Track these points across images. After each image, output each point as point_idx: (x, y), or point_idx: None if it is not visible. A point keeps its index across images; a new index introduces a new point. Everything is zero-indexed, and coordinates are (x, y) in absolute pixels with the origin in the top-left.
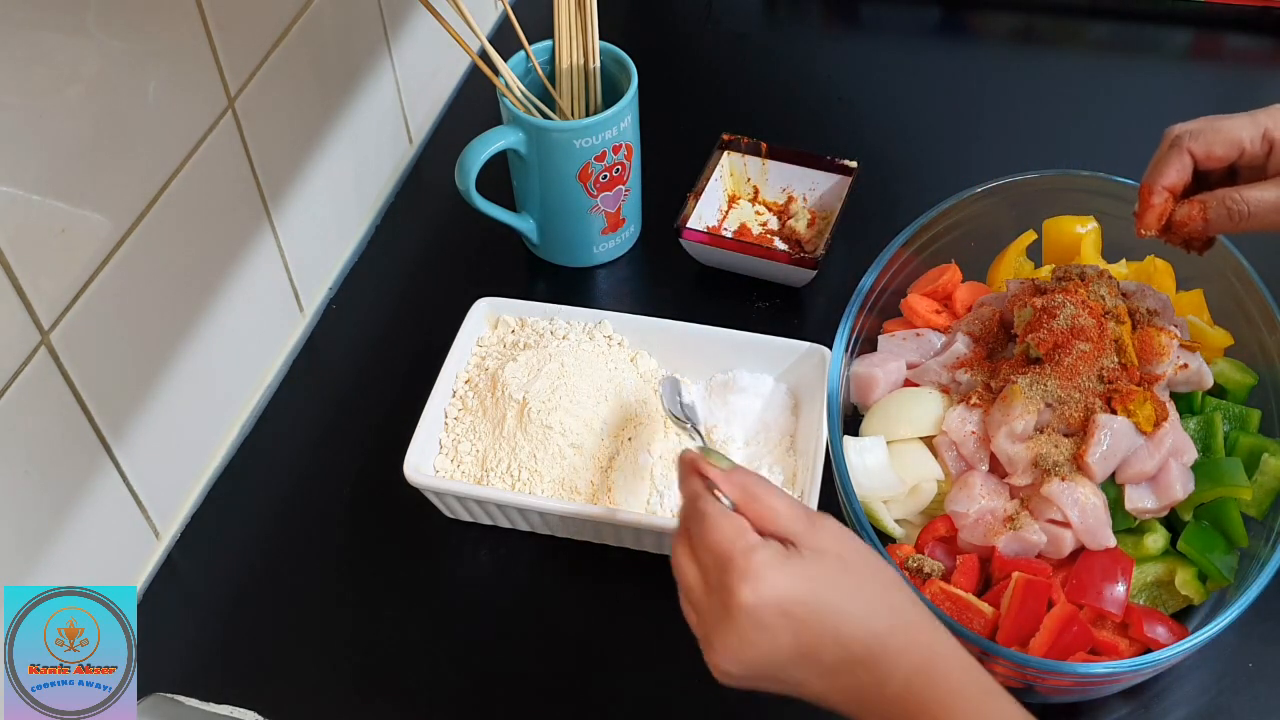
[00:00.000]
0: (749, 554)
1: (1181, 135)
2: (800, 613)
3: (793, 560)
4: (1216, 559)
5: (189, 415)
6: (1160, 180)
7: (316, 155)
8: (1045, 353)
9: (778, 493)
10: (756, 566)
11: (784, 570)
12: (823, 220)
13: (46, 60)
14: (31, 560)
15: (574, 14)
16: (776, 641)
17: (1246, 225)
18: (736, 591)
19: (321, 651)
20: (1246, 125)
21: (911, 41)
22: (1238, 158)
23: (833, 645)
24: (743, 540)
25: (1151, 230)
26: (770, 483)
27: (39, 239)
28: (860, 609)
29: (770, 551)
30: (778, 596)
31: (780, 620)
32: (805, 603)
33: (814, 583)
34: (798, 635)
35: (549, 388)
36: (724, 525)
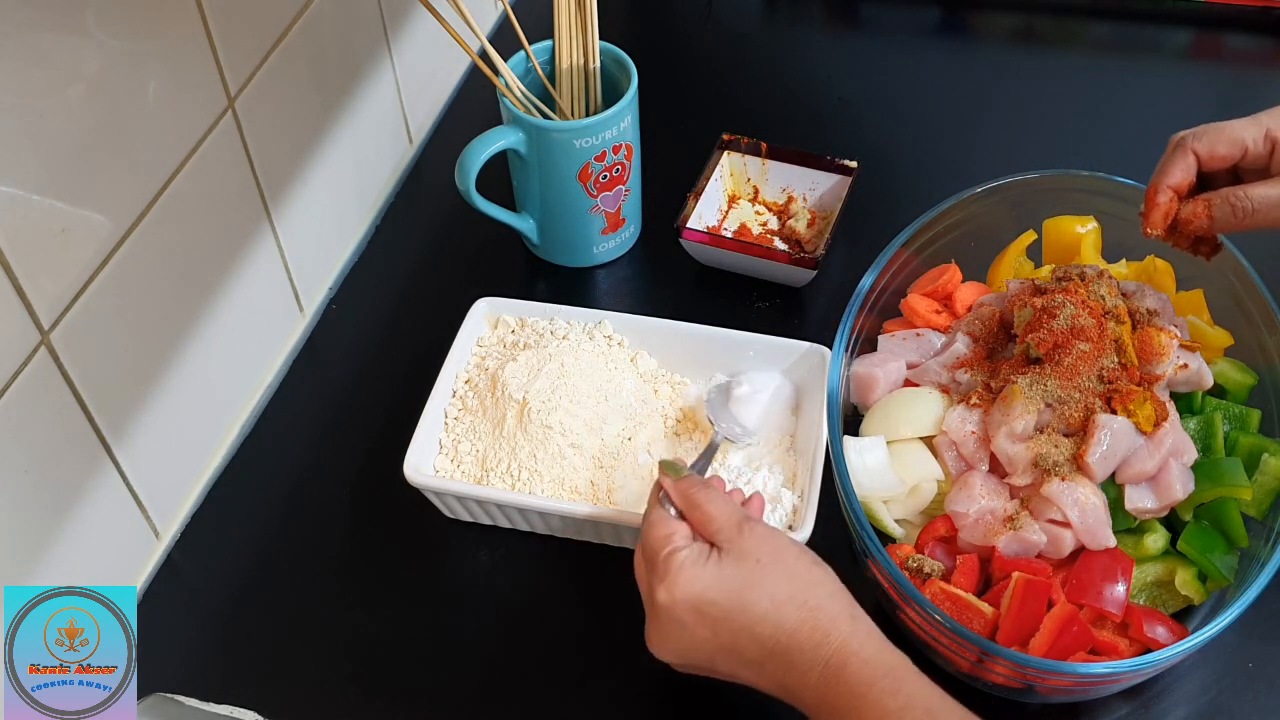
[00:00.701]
0: (670, 557)
1: (1185, 137)
2: (714, 611)
3: (711, 563)
4: (1216, 559)
5: (189, 415)
6: (1165, 180)
7: (316, 155)
8: (1045, 353)
9: (718, 501)
10: (674, 569)
11: (700, 572)
12: (823, 220)
13: (46, 60)
14: (31, 560)
15: (574, 14)
16: (695, 636)
17: (1251, 222)
18: (655, 591)
19: (321, 651)
20: (1249, 125)
21: (911, 41)
22: (1241, 157)
23: (749, 641)
24: (669, 544)
25: (1157, 229)
26: (714, 491)
27: (39, 239)
28: (770, 607)
29: (691, 555)
30: (690, 596)
31: (694, 617)
32: (717, 602)
33: (728, 584)
34: (715, 632)
35: (549, 388)
36: (657, 529)
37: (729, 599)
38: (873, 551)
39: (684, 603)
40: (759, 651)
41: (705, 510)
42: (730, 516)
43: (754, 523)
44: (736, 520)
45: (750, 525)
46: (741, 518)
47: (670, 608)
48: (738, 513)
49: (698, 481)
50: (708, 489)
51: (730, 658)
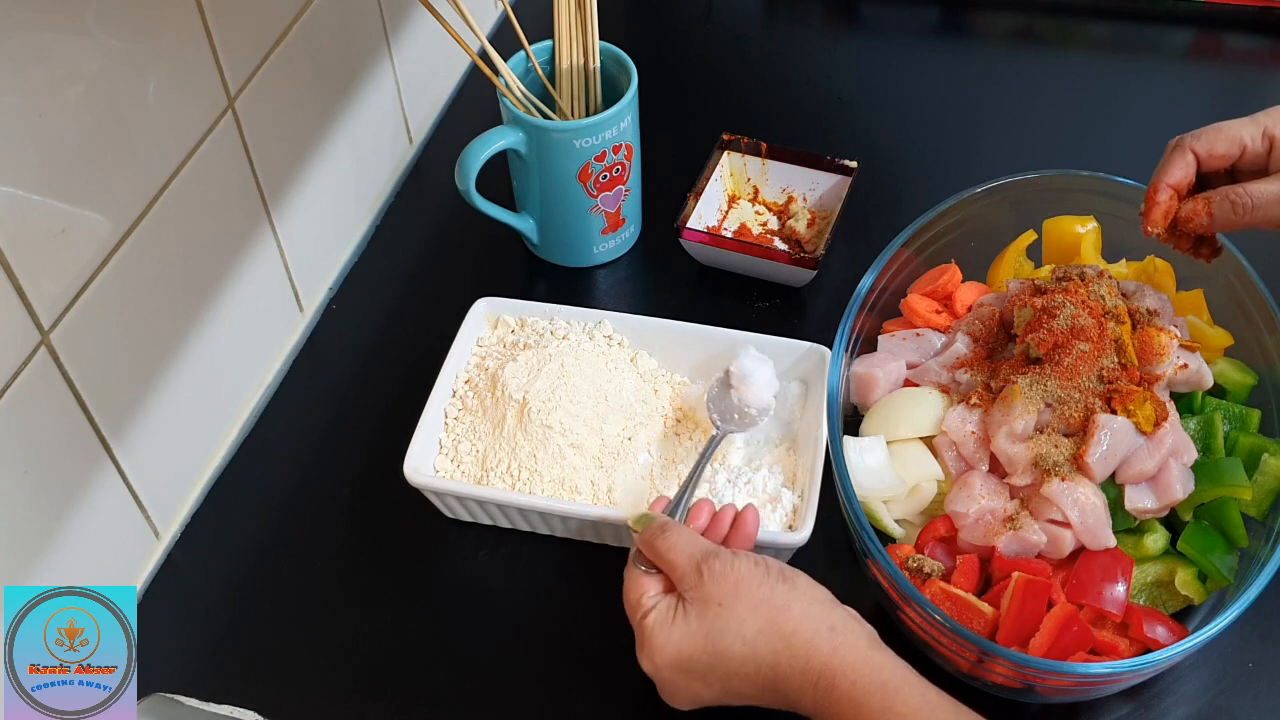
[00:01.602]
0: (641, 625)
1: (1184, 137)
2: (696, 666)
3: (679, 620)
4: (1216, 559)
5: (189, 415)
6: (1165, 179)
7: (316, 155)
8: (1045, 353)
9: (678, 545)
10: (647, 636)
11: (671, 634)
12: (823, 220)
13: (46, 60)
14: (31, 560)
15: (574, 14)
16: (692, 690)
17: (1250, 218)
18: (640, 659)
19: (321, 651)
20: (1247, 125)
21: (911, 41)
22: (1239, 156)
23: (741, 681)
24: (639, 610)
25: (1158, 227)
26: (675, 534)
27: (39, 239)
28: (744, 648)
29: (659, 616)
30: (669, 659)
31: (682, 676)
32: (695, 657)
33: (696, 637)
34: (707, 682)
35: (549, 388)
36: (628, 593)
37: (703, 652)
38: (873, 551)
39: (665, 667)
40: (754, 688)
41: (666, 560)
42: (689, 561)
43: (713, 560)
44: (695, 564)
45: (708, 565)
46: (700, 558)
47: (657, 674)
48: (697, 554)
49: (659, 529)
50: (668, 534)
51: (734, 697)
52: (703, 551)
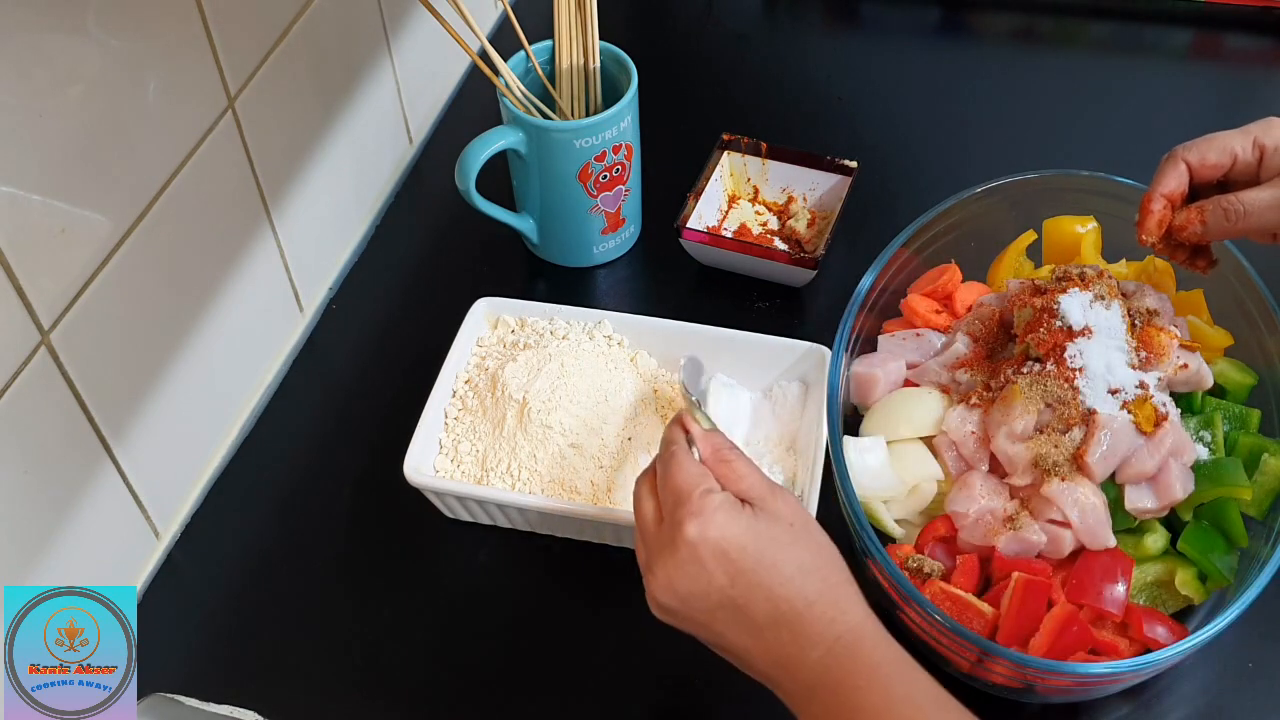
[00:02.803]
0: (705, 496)
1: (1177, 149)
2: (738, 559)
3: (745, 513)
4: (1216, 559)
5: (189, 415)
6: (1159, 189)
7: (316, 155)
8: (1045, 353)
9: (747, 461)
10: (708, 507)
11: (733, 518)
12: (823, 220)
13: (46, 61)
14: (31, 560)
15: (574, 14)
16: (711, 581)
17: (1244, 225)
18: (684, 525)
19: (322, 651)
20: (1238, 135)
21: (911, 41)
22: (1231, 166)
23: (763, 600)
24: (703, 484)
25: (1153, 236)
26: (742, 453)
27: (39, 239)
28: (795, 572)
29: (725, 499)
30: (720, 537)
31: (717, 561)
32: (745, 551)
33: (759, 537)
34: (733, 581)
35: (549, 388)
36: (690, 470)
37: (758, 551)
38: (873, 551)
39: (713, 542)
40: (769, 614)
41: (736, 467)
42: (761, 477)
43: (785, 490)
44: (768, 483)
45: (783, 491)
46: (772, 482)
47: (696, 544)
48: (766, 477)
49: (727, 438)
50: (737, 449)
51: (733, 614)
52: (770, 480)
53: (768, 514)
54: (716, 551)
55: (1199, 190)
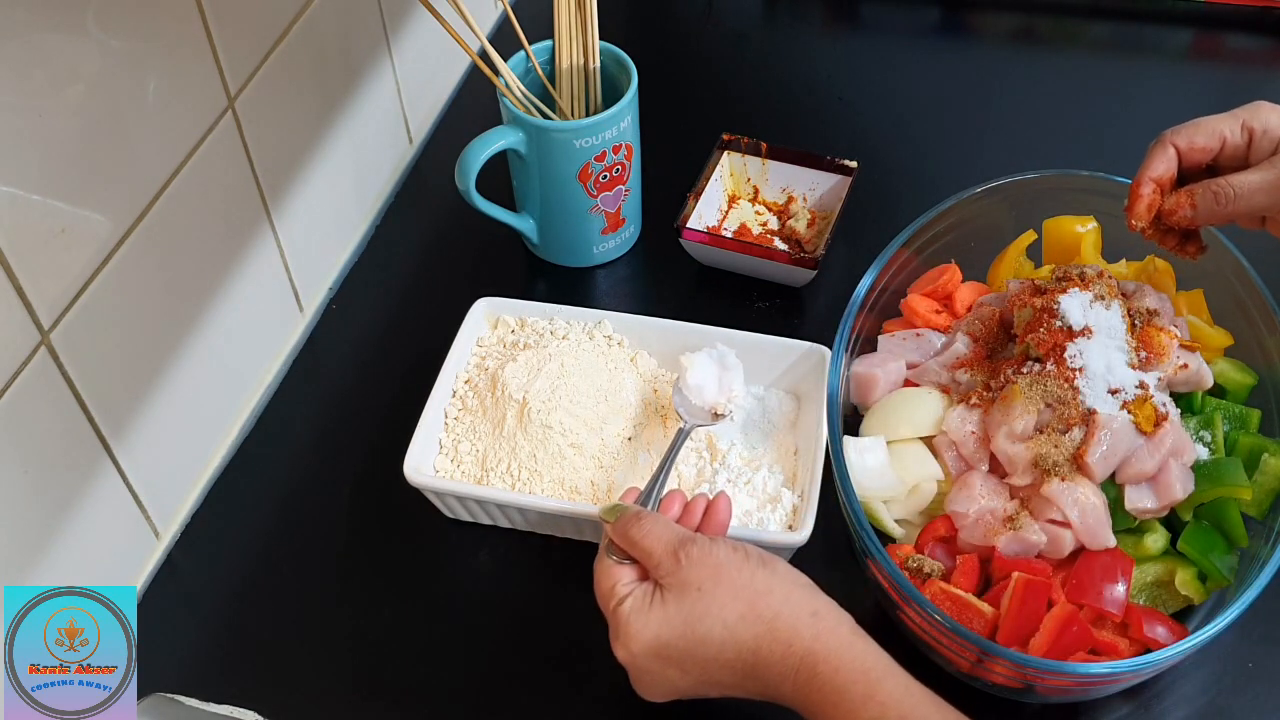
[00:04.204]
0: (615, 613)
1: (1165, 133)
2: (674, 653)
3: (656, 605)
4: (1216, 559)
5: (189, 415)
6: (1148, 173)
7: (316, 155)
8: (1045, 353)
9: (653, 533)
10: (621, 623)
11: (647, 620)
12: (823, 220)
13: (46, 60)
14: (31, 560)
15: (574, 14)
16: (669, 679)
17: (1233, 208)
18: (614, 648)
19: (321, 651)
20: (1226, 119)
21: (911, 41)
22: (1220, 149)
23: (719, 669)
24: (612, 598)
25: (1142, 220)
26: (650, 522)
27: (39, 239)
28: (725, 633)
29: (634, 603)
30: (645, 646)
31: (658, 664)
32: (673, 643)
33: (674, 622)
34: (684, 669)
35: (549, 388)
36: (600, 583)
37: (682, 637)
38: (873, 551)
39: (642, 654)
40: (733, 675)
41: (641, 547)
42: (666, 547)
43: (690, 545)
44: (672, 549)
45: (686, 550)
46: (677, 544)
47: (632, 661)
48: (673, 540)
49: (634, 518)
50: (643, 522)
51: (711, 685)
52: (679, 537)
53: (676, 589)
54: (652, 657)
55: (1188, 175)
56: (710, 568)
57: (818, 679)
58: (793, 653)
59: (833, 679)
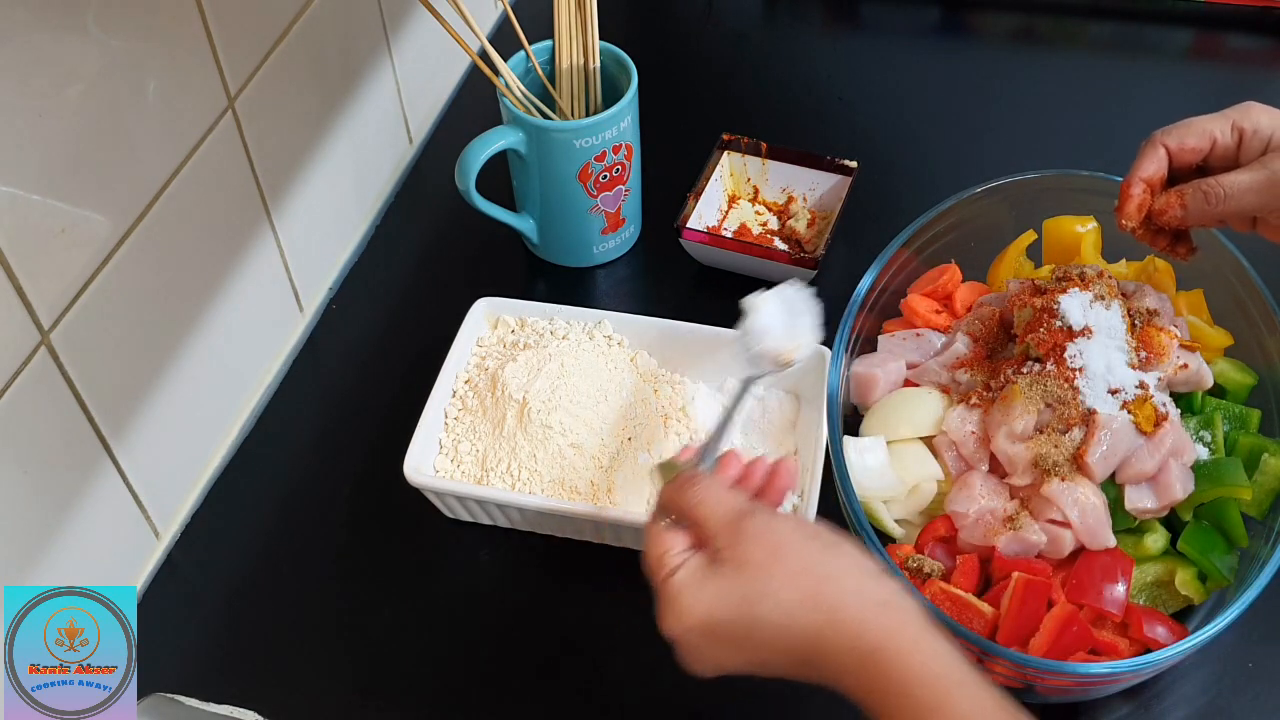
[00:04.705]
0: (666, 585)
1: (1156, 133)
2: (726, 633)
3: (710, 580)
4: (1216, 559)
5: (189, 415)
6: (1138, 173)
7: (316, 155)
8: (1045, 353)
9: (710, 499)
10: (673, 596)
11: (700, 595)
12: (823, 220)
13: (46, 61)
14: (31, 560)
15: (574, 14)
16: (719, 656)
17: (1224, 208)
18: (664, 623)
19: (321, 651)
20: (1216, 119)
21: (911, 41)
22: (1210, 150)
23: (774, 653)
24: (663, 567)
25: (1132, 221)
26: (708, 488)
27: (39, 239)
28: (782, 618)
29: (686, 575)
30: (697, 622)
31: (709, 641)
32: (727, 623)
33: (731, 600)
34: (736, 650)
35: (549, 388)
36: (650, 549)
37: (737, 617)
38: (873, 551)
39: (693, 630)
40: (788, 661)
41: (697, 514)
42: (723, 517)
43: (751, 518)
44: (730, 520)
45: (745, 522)
46: (736, 515)
47: (680, 638)
48: (732, 509)
49: (690, 480)
50: (700, 487)
51: (765, 668)
52: (738, 508)
53: (734, 563)
54: (703, 635)
55: (1178, 175)
56: (770, 544)
57: (884, 679)
58: (859, 647)
59: (901, 679)
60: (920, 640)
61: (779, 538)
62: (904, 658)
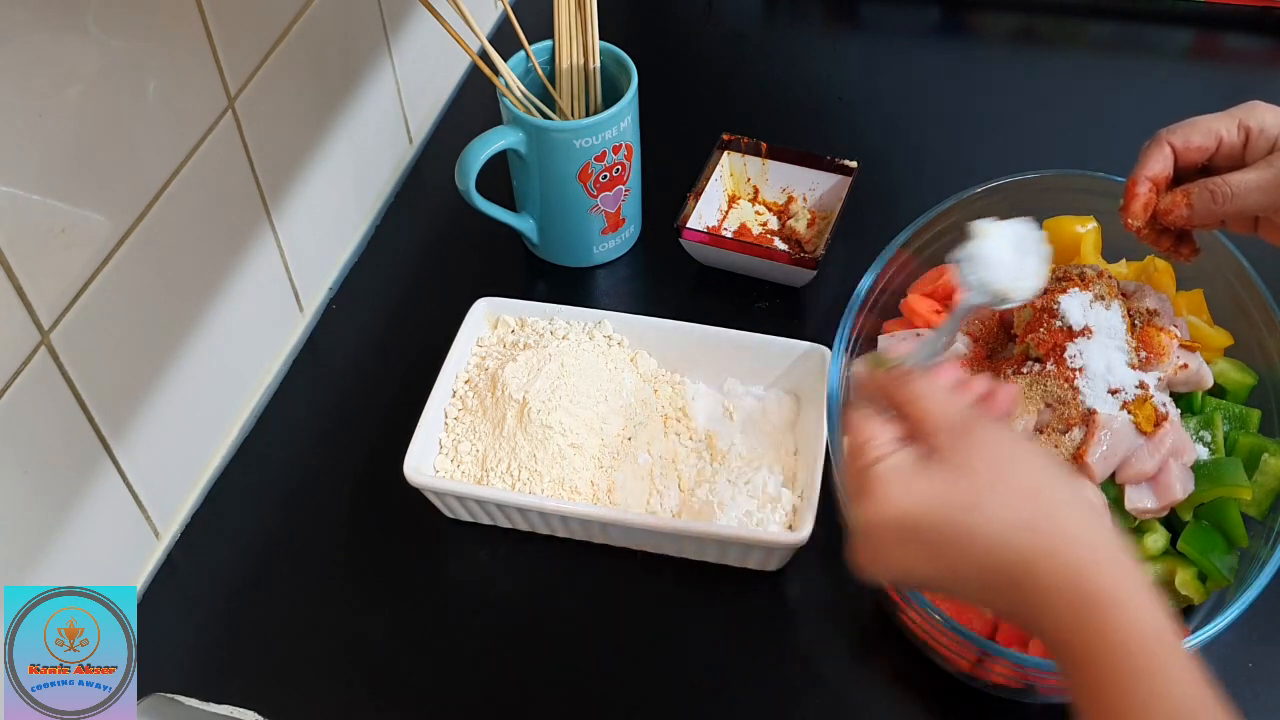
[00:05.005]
0: (868, 470)
1: (1161, 132)
2: (930, 534)
3: (925, 475)
4: (1216, 559)
5: (189, 415)
6: (1144, 172)
7: (316, 155)
8: (1045, 353)
9: (934, 395)
10: (877, 482)
11: (910, 487)
12: (823, 220)
13: (46, 60)
14: (31, 560)
15: (574, 14)
16: (908, 558)
17: (1230, 207)
18: (859, 508)
19: (321, 651)
20: (1222, 118)
21: (911, 41)
22: (1216, 148)
23: (974, 569)
24: (866, 453)
25: (1138, 220)
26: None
27: (39, 239)
28: (1002, 534)
29: (897, 464)
30: (899, 513)
31: (903, 538)
32: (934, 523)
33: (946, 501)
34: (933, 555)
35: (549, 388)
36: (853, 435)
37: (947, 520)
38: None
39: (891, 522)
40: (987, 581)
41: (919, 407)
42: (950, 417)
43: (979, 424)
44: (958, 421)
45: (974, 427)
46: (964, 418)
47: (873, 530)
48: (960, 411)
49: (908, 374)
50: (921, 382)
51: (955, 584)
52: (965, 411)
53: (955, 465)
54: (897, 531)
55: (1182, 175)
56: (998, 457)
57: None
58: (1078, 589)
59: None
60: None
61: (1006, 450)
62: (1127, 614)
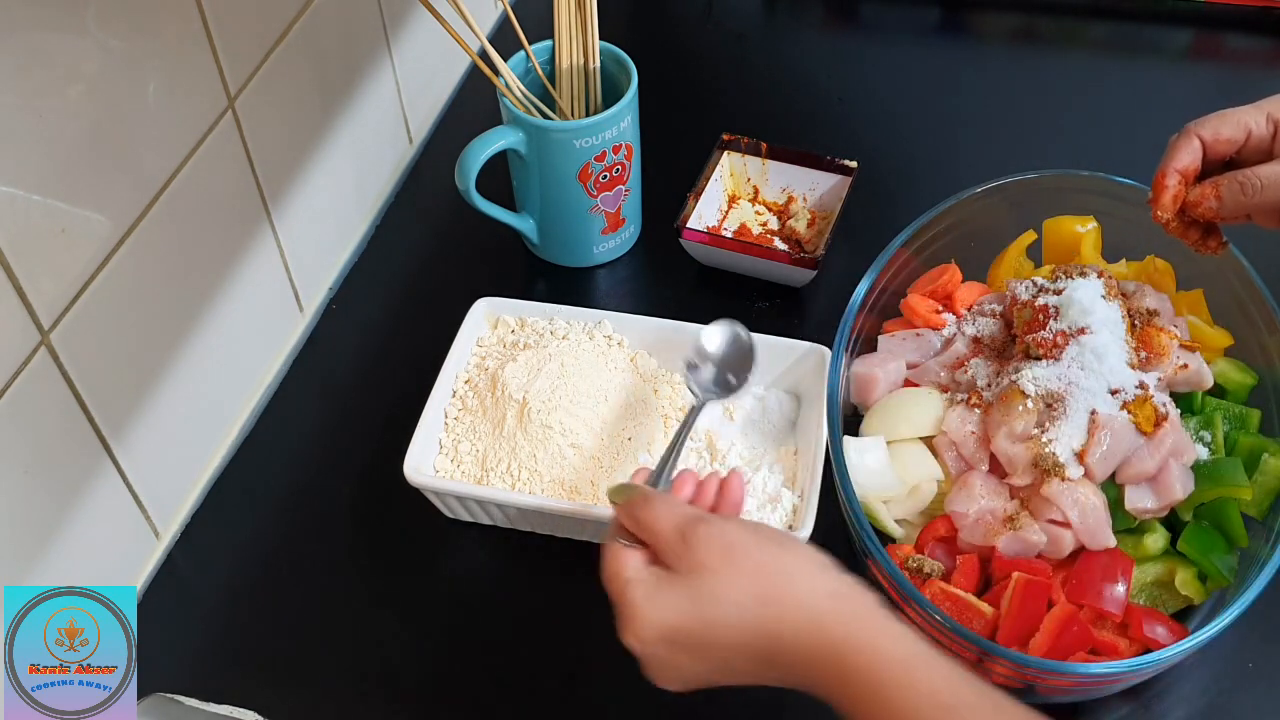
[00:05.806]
0: (623, 597)
1: (1190, 125)
2: (686, 639)
3: (665, 590)
4: (1216, 559)
5: (189, 415)
6: (1173, 164)
7: (316, 155)
8: (1045, 352)
9: (660, 513)
10: (631, 609)
11: (657, 604)
12: (823, 220)
13: (46, 60)
14: (31, 560)
15: (574, 14)
16: (683, 666)
17: (1260, 199)
18: (624, 637)
19: (321, 651)
20: (1251, 110)
21: (911, 41)
22: (1245, 141)
23: (736, 655)
24: (617, 581)
25: (1167, 212)
26: (656, 502)
27: (39, 239)
28: (740, 617)
29: (644, 589)
30: (656, 633)
31: (671, 651)
32: (685, 629)
33: (685, 606)
34: (699, 657)
35: (549, 388)
36: (608, 565)
37: (694, 622)
38: (873, 551)
39: (652, 641)
40: (751, 662)
41: (650, 530)
42: (674, 528)
43: (701, 524)
44: (681, 530)
45: (696, 529)
46: (686, 523)
47: (642, 650)
48: (682, 520)
49: (642, 499)
50: (652, 503)
51: (731, 674)
52: (689, 517)
53: (685, 571)
54: (663, 645)
55: (1208, 168)
56: (721, 548)
57: (846, 667)
58: (817, 639)
59: (864, 668)
60: (878, 624)
61: (729, 539)
62: (864, 645)
